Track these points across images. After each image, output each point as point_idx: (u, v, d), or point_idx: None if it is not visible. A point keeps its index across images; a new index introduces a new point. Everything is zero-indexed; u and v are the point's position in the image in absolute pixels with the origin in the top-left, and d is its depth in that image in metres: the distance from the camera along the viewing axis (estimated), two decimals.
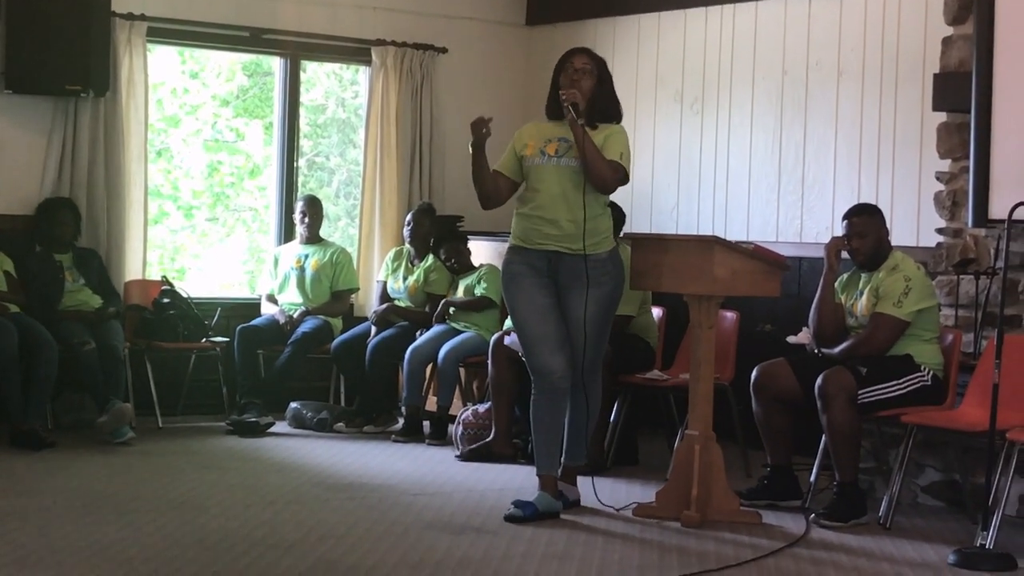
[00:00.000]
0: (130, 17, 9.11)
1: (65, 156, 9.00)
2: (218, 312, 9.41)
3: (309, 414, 9.15)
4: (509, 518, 6.43)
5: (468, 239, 9.45)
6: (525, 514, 6.43)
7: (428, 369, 9.00)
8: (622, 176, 6.54)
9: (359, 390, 9.30)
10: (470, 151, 6.52)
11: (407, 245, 9.48)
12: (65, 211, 8.82)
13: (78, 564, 5.33)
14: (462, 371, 8.98)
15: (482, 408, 8.27)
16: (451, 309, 9.03)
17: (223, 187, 11.05)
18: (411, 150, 10.16)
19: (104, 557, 5.45)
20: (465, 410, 8.42)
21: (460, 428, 8.31)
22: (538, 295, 6.57)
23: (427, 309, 9.23)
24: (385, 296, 9.48)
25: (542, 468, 6.67)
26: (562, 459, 6.83)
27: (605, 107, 6.64)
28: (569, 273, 6.53)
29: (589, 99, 6.52)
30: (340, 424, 9.10)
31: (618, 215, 8.23)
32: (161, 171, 10.53)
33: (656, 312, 8.27)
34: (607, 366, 7.72)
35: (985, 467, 6.01)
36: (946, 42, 7.52)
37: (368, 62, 10.13)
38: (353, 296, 9.81)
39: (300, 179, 10.21)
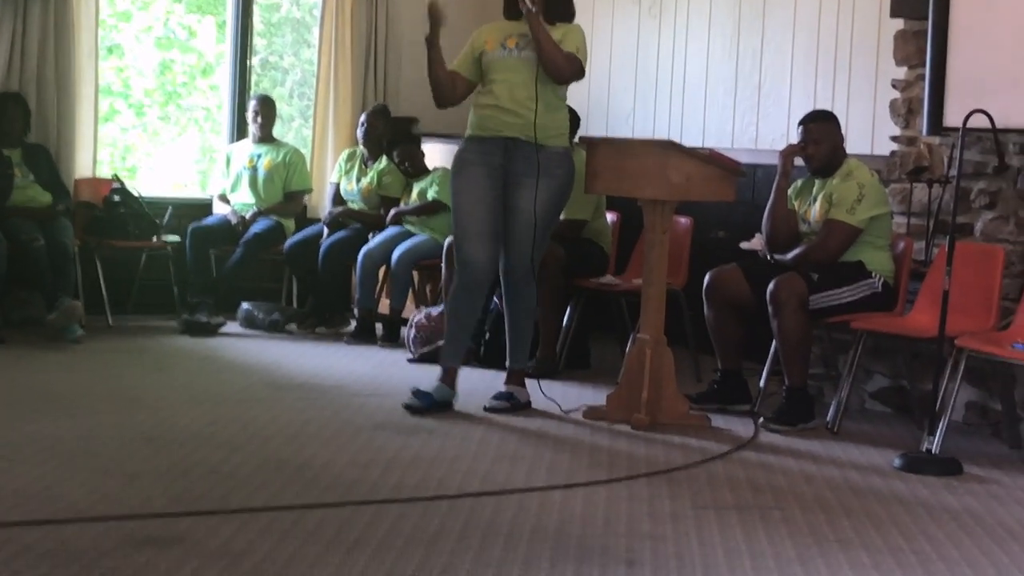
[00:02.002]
0: None
1: (15, 51, 8.86)
2: (169, 211, 9.33)
3: (261, 315, 9.13)
4: (407, 407, 6.61)
5: (422, 141, 9.40)
6: (422, 403, 6.61)
7: (381, 271, 8.98)
8: (577, 68, 6.59)
9: (311, 291, 9.28)
10: (425, 42, 6.56)
11: (360, 147, 9.42)
12: (14, 106, 8.70)
13: (26, 460, 5.31)
14: (415, 274, 8.97)
15: (435, 311, 8.26)
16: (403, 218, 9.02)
17: (175, 86, 10.94)
18: (366, 50, 10.07)
19: (52, 453, 5.43)
20: (418, 313, 8.41)
21: (412, 331, 8.30)
22: (481, 185, 6.64)
23: (380, 211, 9.19)
24: (338, 197, 9.44)
25: (445, 359, 6.82)
26: (507, 363, 6.90)
27: (560, 6, 6.70)
28: (523, 161, 6.59)
29: None
30: (292, 325, 9.09)
31: (573, 119, 8.21)
32: (112, 69, 10.41)
33: (610, 217, 8.27)
34: (561, 270, 7.76)
35: (933, 373, 6.06)
36: None
37: None
38: (306, 197, 9.76)
39: (253, 78, 10.10)
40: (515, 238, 6.66)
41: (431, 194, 8.94)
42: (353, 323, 8.99)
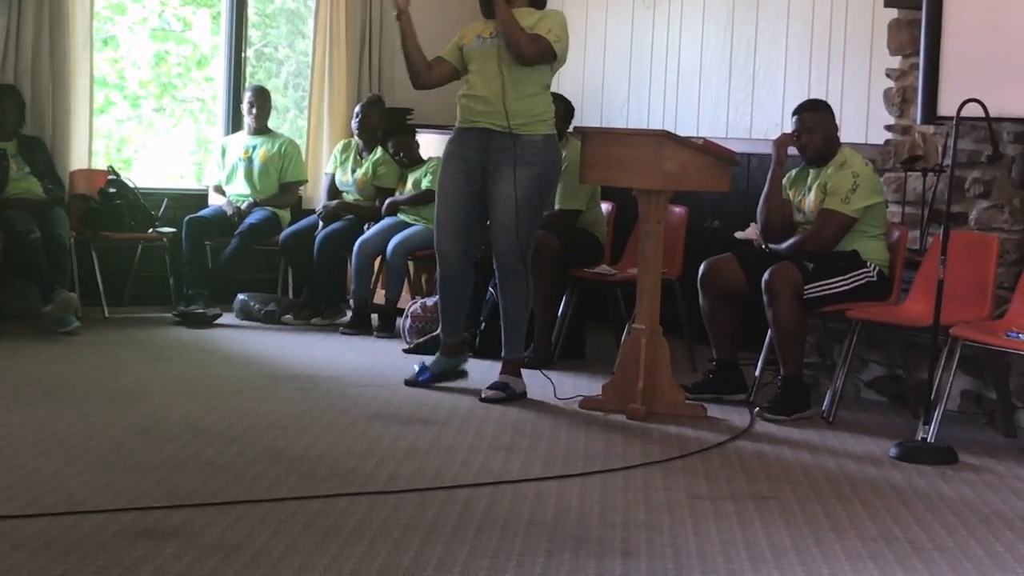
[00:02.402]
0: None
1: (9, 42, 8.85)
2: (165, 202, 9.33)
3: (257, 306, 9.14)
4: (407, 382, 7.01)
5: (417, 132, 9.40)
6: (420, 378, 7.00)
7: (376, 262, 8.98)
8: (543, 48, 6.61)
9: (307, 282, 9.29)
10: (395, 18, 6.78)
11: (355, 137, 9.41)
12: (9, 98, 8.69)
13: (22, 451, 5.31)
14: (411, 264, 8.97)
15: (430, 301, 8.27)
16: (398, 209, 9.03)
17: (170, 77, 10.93)
18: (360, 41, 10.07)
19: (48, 445, 5.43)
20: (413, 303, 8.42)
21: (408, 321, 8.31)
22: (456, 179, 6.77)
23: (376, 202, 9.19)
24: (333, 189, 9.43)
25: (445, 336, 7.11)
26: (502, 352, 6.94)
27: None
28: (499, 151, 6.65)
29: None
30: (288, 316, 9.09)
31: (567, 109, 8.23)
32: (107, 60, 10.40)
33: (605, 206, 8.28)
34: (556, 260, 7.77)
35: (928, 362, 6.07)
36: None
37: None
38: (301, 188, 9.76)
39: (248, 70, 10.10)
40: (499, 227, 6.70)
41: (425, 184, 8.94)
42: (349, 314, 8.99)
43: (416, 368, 7.11)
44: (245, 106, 9.52)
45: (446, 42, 6.92)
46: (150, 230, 9.12)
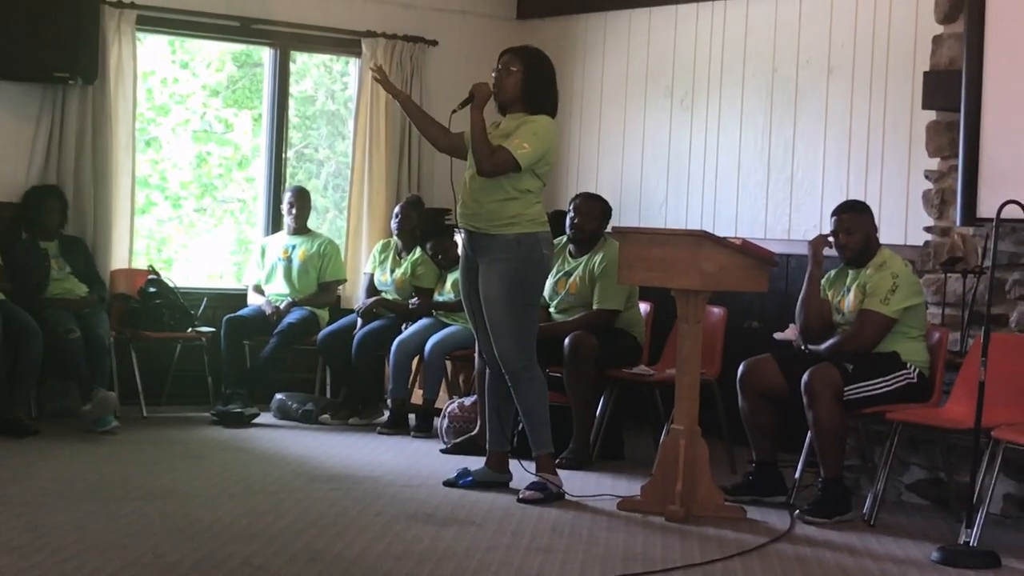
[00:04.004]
0: (119, 5, 9.08)
1: (52, 144, 8.97)
2: (204, 302, 9.38)
3: (295, 405, 9.14)
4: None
5: (455, 233, 9.44)
6: (460, 481, 6.97)
7: (414, 362, 8.99)
8: (501, 161, 6.68)
9: (345, 382, 9.29)
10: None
11: (395, 237, 9.46)
12: (52, 199, 8.79)
13: (60, 551, 5.31)
14: (448, 364, 8.97)
15: (468, 401, 8.26)
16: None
17: (211, 178, 11.03)
18: (400, 143, 10.15)
19: (86, 544, 5.43)
20: (451, 403, 8.41)
21: (446, 421, 8.30)
22: (466, 279, 6.96)
23: (410, 300, 9.21)
24: (372, 288, 9.47)
25: (489, 443, 7.08)
26: (532, 451, 6.96)
27: (533, 97, 6.83)
28: (482, 252, 6.79)
29: (518, 91, 6.79)
30: (325, 416, 9.09)
31: (604, 209, 8.26)
32: (149, 161, 10.51)
33: (643, 307, 8.27)
34: (594, 360, 7.75)
35: (970, 465, 6.01)
36: (936, 40, 7.52)
37: (358, 54, 10.11)
38: (340, 288, 9.80)
39: (288, 170, 10.19)
40: (491, 329, 6.81)
41: None
42: (386, 413, 8.99)
43: (457, 471, 7.08)
44: (285, 206, 9.59)
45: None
46: (189, 330, 9.16)
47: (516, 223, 6.73)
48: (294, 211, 9.53)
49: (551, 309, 8.16)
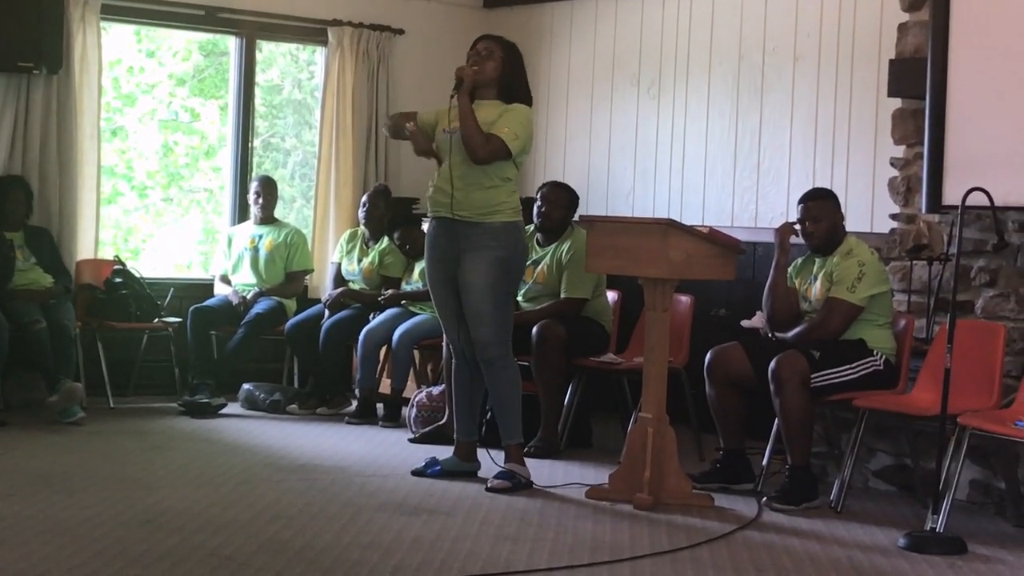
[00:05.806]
0: None
1: (17, 134, 8.91)
2: (171, 292, 9.34)
3: (262, 395, 9.12)
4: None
5: (423, 222, 9.42)
6: (429, 471, 6.97)
7: (382, 351, 8.97)
8: (496, 148, 6.67)
9: (313, 372, 9.27)
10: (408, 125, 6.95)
11: (362, 227, 9.44)
12: (16, 189, 8.73)
13: (26, 542, 5.29)
14: (416, 353, 8.96)
15: (436, 390, 8.26)
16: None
17: (178, 167, 10.99)
18: (367, 132, 10.13)
19: (52, 535, 5.41)
20: (419, 392, 8.40)
21: (414, 410, 8.29)
22: (436, 268, 6.90)
23: (382, 291, 9.19)
24: (339, 278, 9.45)
25: (457, 433, 7.08)
26: (501, 440, 6.97)
27: (510, 87, 6.83)
28: (464, 239, 6.74)
29: (496, 75, 6.77)
30: (293, 406, 9.07)
31: (571, 198, 8.26)
32: (115, 151, 10.47)
33: (611, 295, 8.28)
34: (562, 348, 7.76)
35: (936, 452, 6.04)
36: (902, 28, 7.53)
37: (325, 43, 10.08)
38: (307, 277, 9.78)
39: (255, 160, 10.14)
40: (471, 315, 6.79)
41: None
42: (354, 403, 8.98)
43: (425, 460, 7.07)
44: (251, 196, 9.56)
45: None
46: (155, 320, 9.12)
47: (500, 211, 6.74)
48: (261, 201, 9.49)
49: (519, 298, 8.15)
